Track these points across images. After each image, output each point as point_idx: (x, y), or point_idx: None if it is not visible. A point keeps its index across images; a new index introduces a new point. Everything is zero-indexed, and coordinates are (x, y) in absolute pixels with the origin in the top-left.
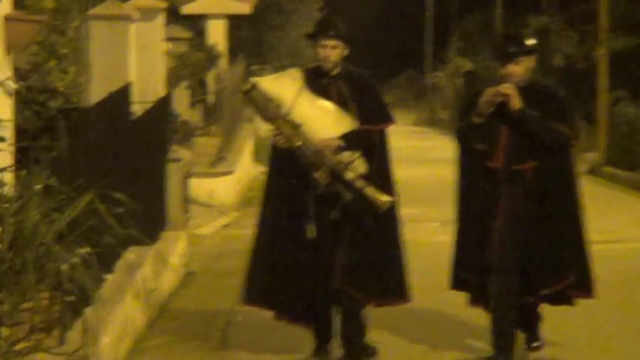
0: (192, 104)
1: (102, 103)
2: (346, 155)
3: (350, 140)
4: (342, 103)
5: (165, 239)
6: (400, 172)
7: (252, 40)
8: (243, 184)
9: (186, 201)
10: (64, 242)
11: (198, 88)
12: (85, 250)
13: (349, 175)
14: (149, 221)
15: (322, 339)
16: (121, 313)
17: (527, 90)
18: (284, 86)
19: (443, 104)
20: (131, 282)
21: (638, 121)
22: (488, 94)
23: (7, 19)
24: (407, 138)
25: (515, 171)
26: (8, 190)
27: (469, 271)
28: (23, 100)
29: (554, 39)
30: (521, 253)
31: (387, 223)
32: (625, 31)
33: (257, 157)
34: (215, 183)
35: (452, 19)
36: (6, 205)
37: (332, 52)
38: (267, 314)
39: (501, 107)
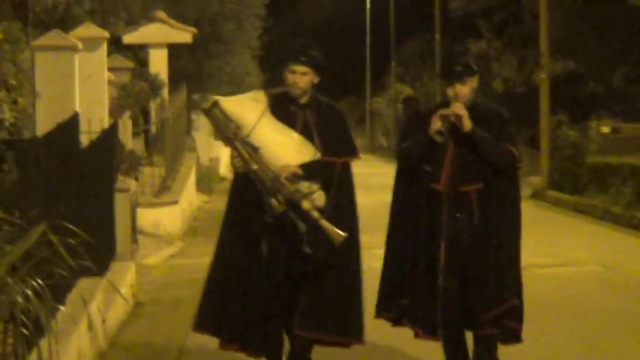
0: (134, 134)
1: (51, 134)
2: (305, 185)
3: (310, 170)
4: (306, 132)
5: (114, 270)
6: None
7: (193, 69)
8: (188, 214)
9: (134, 231)
10: (17, 274)
11: (140, 117)
12: (37, 282)
13: (305, 206)
14: (99, 252)
15: None
16: (74, 345)
17: (472, 111)
18: (246, 108)
19: (383, 130)
20: (83, 313)
21: (580, 144)
22: (444, 112)
23: None
24: None
25: (460, 193)
26: None
27: (400, 295)
28: None
29: (493, 64)
30: (462, 277)
31: (348, 258)
32: (562, 55)
33: (200, 186)
34: (160, 213)
35: (390, 45)
36: None
37: (302, 78)
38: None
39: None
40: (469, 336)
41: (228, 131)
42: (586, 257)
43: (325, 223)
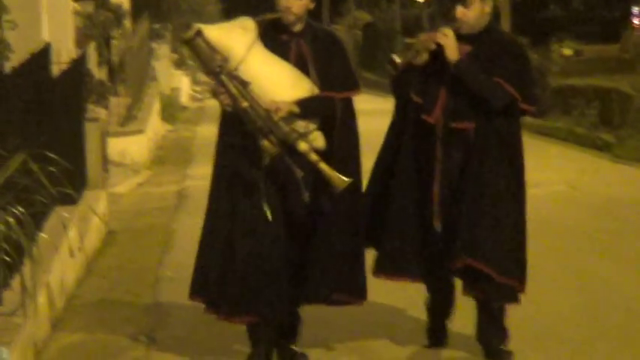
0: (98, 64)
1: (25, 65)
2: (301, 124)
3: (307, 107)
4: (301, 64)
5: (87, 199)
6: None
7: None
8: (154, 143)
9: (105, 160)
10: None
11: (104, 47)
12: (19, 210)
13: (302, 147)
14: (73, 181)
15: (263, 343)
16: (56, 271)
17: (479, 39)
18: (233, 37)
19: None
20: (64, 240)
21: (542, 67)
22: (421, 38)
23: None
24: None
25: (453, 130)
26: None
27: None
28: None
29: None
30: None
31: (351, 208)
32: None
33: (164, 115)
34: (127, 142)
35: None
36: None
37: (295, 2)
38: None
39: (442, 56)
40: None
41: (213, 64)
42: (553, 178)
43: (325, 167)
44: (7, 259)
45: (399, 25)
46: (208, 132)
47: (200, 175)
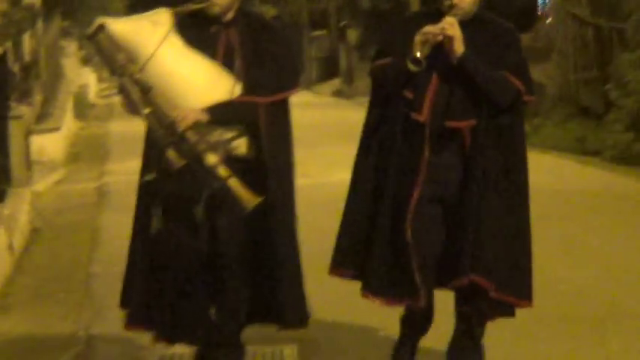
0: (13, 62)
1: None
2: (215, 133)
3: (221, 113)
4: (228, 59)
5: (12, 196)
6: None
7: None
8: (68, 140)
9: (28, 158)
10: None
11: (18, 46)
12: None
13: (210, 160)
14: (3, 179)
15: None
16: None
17: (472, 27)
18: (141, 32)
19: None
20: None
21: None
22: (428, 31)
23: None
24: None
25: (446, 129)
26: None
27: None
28: None
29: None
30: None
31: (282, 232)
32: None
33: (81, 113)
34: (43, 139)
35: None
36: None
37: None
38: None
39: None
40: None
41: (115, 64)
42: None
43: (235, 183)
44: None
45: (306, 18)
46: (120, 128)
47: (117, 171)
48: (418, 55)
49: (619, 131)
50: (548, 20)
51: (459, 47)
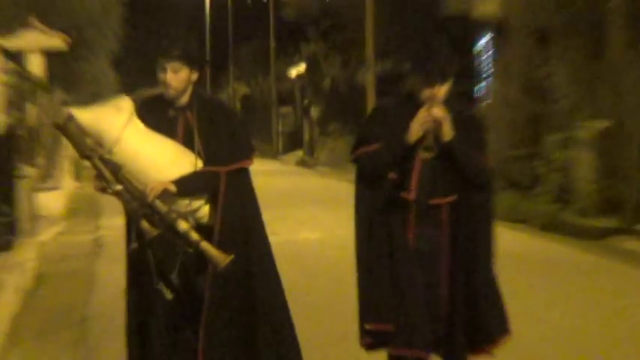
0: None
1: None
2: (182, 203)
3: (186, 184)
4: (188, 139)
5: (20, 245)
6: None
7: (62, 70)
8: (68, 198)
9: (33, 213)
10: None
11: (24, 114)
12: None
13: (181, 227)
14: (8, 231)
15: None
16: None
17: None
18: (106, 119)
19: None
20: (2, 282)
21: None
22: (422, 117)
23: None
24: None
25: (430, 206)
26: None
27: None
28: None
29: (323, 64)
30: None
31: (268, 287)
32: (383, 56)
33: (77, 174)
34: (45, 197)
35: (229, 48)
36: None
37: (174, 76)
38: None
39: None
40: None
41: (85, 148)
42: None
43: (206, 246)
44: None
45: (275, 96)
46: None
47: (109, 226)
48: (429, 142)
49: (546, 202)
50: (485, 103)
51: (448, 131)
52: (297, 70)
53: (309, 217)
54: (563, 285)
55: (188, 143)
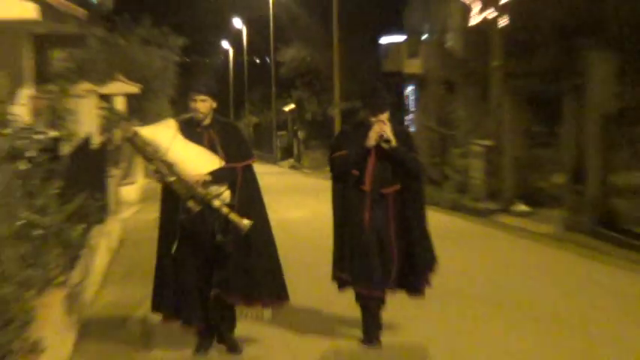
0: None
1: (77, 146)
2: (214, 188)
3: (217, 176)
4: (211, 146)
5: (110, 221)
6: None
7: (137, 108)
8: (140, 190)
9: (118, 199)
10: (71, 220)
11: (112, 135)
12: (82, 226)
13: (216, 204)
14: (102, 211)
15: (207, 335)
16: (99, 259)
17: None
18: (160, 133)
19: None
20: (100, 243)
21: None
22: (377, 130)
23: (31, 97)
24: None
25: (381, 194)
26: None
27: (344, 268)
28: None
29: (306, 104)
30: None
31: (261, 235)
32: (345, 98)
33: (146, 174)
34: (126, 189)
35: (245, 91)
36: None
37: (202, 104)
38: None
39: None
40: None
41: (147, 153)
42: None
43: (233, 216)
44: (74, 253)
45: (274, 124)
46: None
47: None
48: (385, 141)
49: (451, 192)
50: (411, 129)
51: (392, 139)
52: (289, 107)
53: (297, 202)
54: (464, 246)
55: (211, 149)
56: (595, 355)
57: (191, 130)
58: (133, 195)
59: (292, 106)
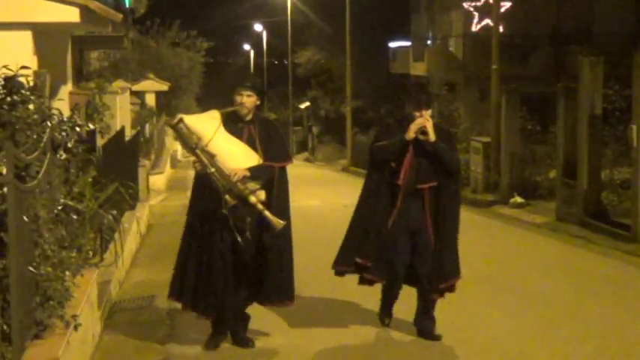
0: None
1: (112, 137)
2: (251, 184)
3: (256, 172)
4: (251, 142)
5: (139, 207)
6: None
7: (166, 103)
8: (167, 179)
9: (148, 187)
10: (104, 207)
11: (144, 129)
12: (112, 213)
13: (252, 200)
14: (134, 197)
15: (220, 331)
16: (129, 242)
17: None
18: (204, 123)
19: None
20: (131, 227)
21: (366, 143)
22: (418, 123)
23: (70, 93)
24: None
25: (416, 189)
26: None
27: (364, 257)
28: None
29: (320, 102)
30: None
31: (284, 241)
32: (355, 97)
33: (173, 164)
34: (155, 178)
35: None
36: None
37: (247, 99)
38: None
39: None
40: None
41: (191, 141)
42: None
43: (268, 214)
44: (107, 237)
45: (291, 120)
46: (193, 174)
47: None
48: (422, 133)
49: None
50: None
51: (433, 135)
52: (304, 105)
53: (311, 192)
54: (464, 234)
55: (250, 145)
56: (580, 332)
57: (232, 124)
58: (160, 184)
59: (307, 103)
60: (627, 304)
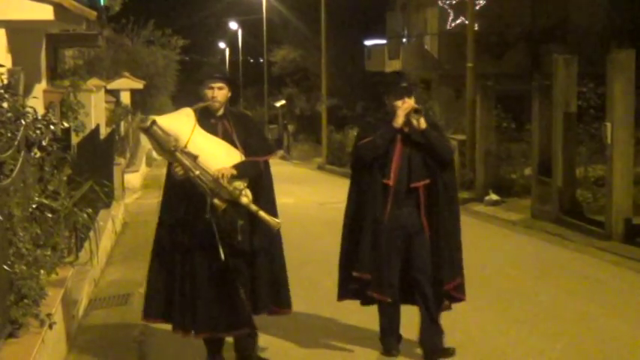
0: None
1: (91, 133)
2: (239, 183)
3: (242, 169)
4: (227, 138)
5: (115, 205)
6: None
7: (141, 101)
8: (142, 177)
9: (123, 186)
10: (79, 206)
11: (118, 127)
12: (87, 211)
13: (244, 200)
14: (109, 195)
15: (216, 349)
16: (104, 240)
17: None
18: (180, 123)
19: None
20: (106, 225)
21: (342, 141)
22: (405, 107)
23: (45, 91)
24: None
25: (409, 189)
26: None
27: (361, 270)
28: None
29: (295, 100)
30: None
31: (274, 242)
32: (331, 95)
33: (148, 163)
34: (130, 176)
35: (239, 90)
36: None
37: (219, 92)
38: None
39: (395, 133)
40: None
41: (169, 145)
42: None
43: (263, 214)
44: (82, 235)
45: (267, 118)
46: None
47: None
48: (415, 111)
49: None
50: None
51: (423, 124)
52: (280, 103)
53: (286, 190)
54: None
55: (227, 141)
56: (555, 329)
57: (205, 121)
58: (135, 182)
59: (283, 102)
60: (601, 301)
